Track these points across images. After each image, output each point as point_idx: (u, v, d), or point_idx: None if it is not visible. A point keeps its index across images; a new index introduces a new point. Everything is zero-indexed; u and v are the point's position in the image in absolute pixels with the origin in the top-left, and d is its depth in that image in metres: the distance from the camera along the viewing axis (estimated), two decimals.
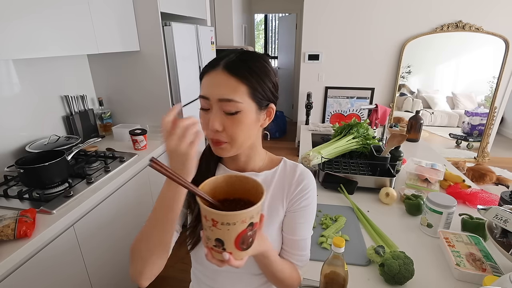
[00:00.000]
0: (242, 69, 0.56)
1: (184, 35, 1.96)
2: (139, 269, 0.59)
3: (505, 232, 0.86)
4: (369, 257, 0.87)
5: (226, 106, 0.55)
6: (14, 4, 1.05)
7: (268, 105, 0.62)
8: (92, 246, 1.29)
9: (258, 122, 0.61)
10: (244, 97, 0.56)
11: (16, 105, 1.45)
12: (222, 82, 0.55)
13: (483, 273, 0.78)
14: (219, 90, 0.55)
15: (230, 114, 0.56)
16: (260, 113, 0.60)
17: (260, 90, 0.58)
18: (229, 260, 0.46)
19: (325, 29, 3.29)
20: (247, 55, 0.59)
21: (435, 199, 0.98)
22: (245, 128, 0.58)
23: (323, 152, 1.44)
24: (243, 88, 0.56)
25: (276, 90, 0.63)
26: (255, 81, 0.57)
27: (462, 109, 3.29)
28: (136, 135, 1.69)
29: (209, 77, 0.57)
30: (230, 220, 0.43)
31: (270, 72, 0.60)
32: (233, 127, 0.57)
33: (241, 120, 0.57)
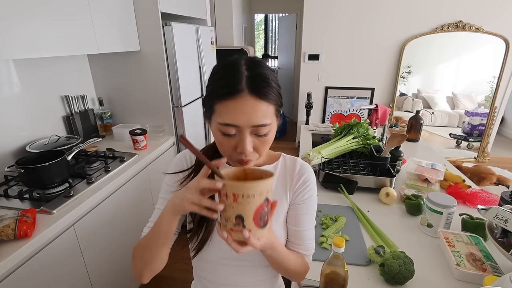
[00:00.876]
0: (266, 90, 0.53)
1: (184, 35, 1.96)
2: (139, 270, 0.64)
3: (505, 232, 0.86)
4: (369, 257, 0.87)
5: (259, 131, 0.55)
6: (14, 4, 1.05)
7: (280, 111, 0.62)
8: (92, 246, 1.29)
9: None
10: (273, 117, 0.57)
11: (16, 105, 1.45)
12: (253, 108, 0.52)
13: (483, 273, 0.78)
14: (251, 117, 0.52)
15: (262, 136, 0.56)
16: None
17: (280, 104, 0.59)
18: (249, 238, 0.47)
19: (325, 29, 3.29)
20: (259, 68, 0.55)
21: (435, 199, 0.98)
22: (270, 143, 0.60)
23: (323, 152, 1.44)
24: (272, 109, 0.55)
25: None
26: (278, 98, 0.57)
27: (462, 109, 3.29)
28: (136, 135, 1.69)
29: (236, 104, 0.52)
30: (250, 191, 0.46)
31: (277, 80, 0.59)
32: (263, 146, 0.58)
33: (270, 138, 0.58)
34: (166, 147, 1.92)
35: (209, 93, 0.57)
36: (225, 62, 0.58)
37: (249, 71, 0.54)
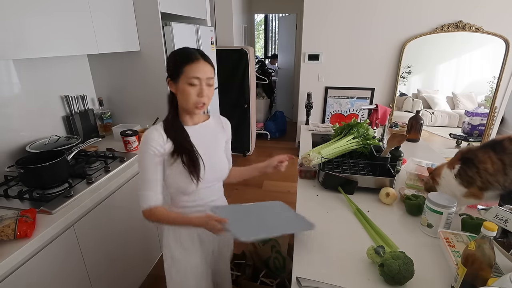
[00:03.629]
0: (210, 59, 0.95)
1: (184, 35, 1.96)
2: (151, 221, 0.97)
3: (505, 232, 0.86)
4: (369, 257, 0.87)
5: (209, 81, 0.93)
6: (14, 4, 1.05)
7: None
8: (92, 246, 1.29)
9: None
10: (213, 75, 0.96)
11: (16, 105, 1.45)
12: (206, 68, 0.92)
13: None
14: (206, 72, 0.92)
15: (209, 85, 0.94)
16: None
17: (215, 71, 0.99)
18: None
19: (325, 29, 3.29)
20: (202, 51, 0.95)
21: (435, 199, 0.98)
22: (213, 93, 0.97)
23: (323, 152, 1.44)
24: (213, 71, 0.96)
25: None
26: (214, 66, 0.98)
27: (462, 109, 3.29)
28: (127, 136, 1.69)
29: (199, 64, 0.90)
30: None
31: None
32: (210, 93, 0.95)
33: (213, 89, 0.96)
34: None
35: (178, 62, 0.91)
36: (180, 48, 0.96)
37: (198, 50, 0.95)
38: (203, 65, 0.91)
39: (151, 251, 1.82)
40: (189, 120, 1.01)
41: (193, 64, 0.90)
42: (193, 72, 0.89)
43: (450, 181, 1.08)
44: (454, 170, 1.07)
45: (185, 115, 0.99)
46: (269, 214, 1.03)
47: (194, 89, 0.91)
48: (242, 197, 2.78)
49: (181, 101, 0.94)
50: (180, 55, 0.93)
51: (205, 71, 0.91)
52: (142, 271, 1.74)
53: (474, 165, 1.01)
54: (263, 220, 0.97)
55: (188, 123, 1.01)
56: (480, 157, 0.99)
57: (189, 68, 0.89)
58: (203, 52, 0.95)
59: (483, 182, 0.99)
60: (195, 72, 0.90)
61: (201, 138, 1.01)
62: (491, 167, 0.97)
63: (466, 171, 1.03)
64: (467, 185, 1.04)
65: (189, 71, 0.89)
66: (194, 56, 0.91)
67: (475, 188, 1.02)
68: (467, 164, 1.03)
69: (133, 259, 1.62)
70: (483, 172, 0.98)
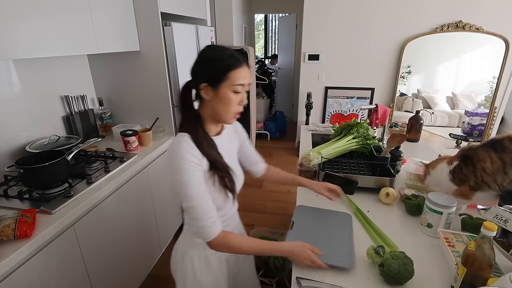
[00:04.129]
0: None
1: (184, 35, 1.96)
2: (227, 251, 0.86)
3: (505, 232, 0.86)
4: (369, 257, 0.87)
5: (248, 88, 0.85)
6: (14, 4, 1.05)
7: None
8: (92, 246, 1.29)
9: None
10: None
11: (16, 105, 1.45)
12: (249, 73, 0.84)
13: None
14: (250, 78, 0.84)
15: (247, 92, 0.86)
16: None
17: None
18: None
19: (325, 29, 3.29)
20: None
21: (435, 199, 0.98)
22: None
23: (323, 152, 1.44)
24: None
25: None
26: None
27: (462, 109, 3.29)
28: (127, 136, 1.68)
29: (244, 70, 0.81)
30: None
31: None
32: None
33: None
34: (166, 147, 1.92)
35: (221, 66, 0.79)
36: (212, 48, 0.85)
37: (238, 54, 0.84)
38: (246, 70, 0.82)
39: (151, 251, 1.82)
40: (213, 130, 0.90)
41: (239, 69, 0.80)
42: (239, 79, 0.79)
43: (443, 175, 1.09)
44: (450, 166, 1.07)
45: (211, 124, 0.88)
46: (330, 235, 0.99)
47: (237, 97, 0.82)
48: (242, 196, 2.77)
49: (217, 109, 0.82)
50: (222, 57, 0.80)
51: (247, 77, 0.82)
52: (142, 271, 1.74)
53: (472, 164, 1.01)
54: (322, 243, 0.93)
55: (212, 133, 0.89)
56: (480, 156, 0.99)
57: (235, 73, 0.79)
58: (239, 54, 0.85)
59: (476, 182, 1.00)
60: (241, 78, 0.80)
61: (224, 148, 0.90)
62: (491, 166, 0.97)
63: (462, 168, 1.03)
64: (458, 183, 1.04)
65: (235, 77, 0.79)
66: (239, 60, 0.81)
67: (466, 187, 1.02)
68: (465, 162, 1.04)
69: (133, 259, 1.62)
70: (480, 172, 0.99)
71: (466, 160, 1.03)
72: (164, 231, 1.96)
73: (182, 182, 0.77)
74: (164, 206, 1.94)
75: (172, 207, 2.09)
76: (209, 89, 0.81)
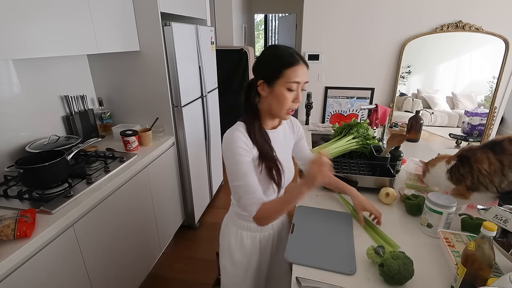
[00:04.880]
0: (306, 61, 0.88)
1: (184, 35, 1.96)
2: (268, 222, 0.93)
3: (505, 232, 0.86)
4: (369, 257, 0.87)
5: (304, 86, 0.88)
6: (13, 4, 1.05)
7: None
8: (92, 246, 1.29)
9: None
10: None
11: (16, 105, 1.45)
12: (305, 71, 0.87)
13: None
14: (305, 77, 0.87)
15: (303, 90, 0.88)
16: None
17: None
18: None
19: (325, 29, 3.29)
20: (297, 51, 0.88)
21: (435, 199, 0.98)
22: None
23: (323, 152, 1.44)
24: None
25: None
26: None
27: (462, 109, 3.29)
28: (127, 136, 1.68)
29: (300, 68, 0.84)
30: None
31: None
32: (302, 98, 0.89)
33: (303, 93, 0.93)
34: (166, 147, 1.92)
35: (277, 64, 0.85)
36: (274, 48, 0.90)
37: (297, 52, 0.87)
38: (303, 68, 0.85)
39: (151, 251, 1.82)
40: (270, 124, 0.97)
41: (295, 67, 0.83)
42: (294, 76, 0.83)
43: (440, 173, 1.09)
44: (448, 165, 1.07)
45: (268, 119, 0.95)
46: (330, 238, 0.99)
47: (291, 94, 0.86)
48: None
49: (272, 105, 0.89)
50: (280, 56, 0.85)
51: (304, 76, 0.85)
52: (142, 271, 1.74)
53: (469, 164, 1.01)
54: (323, 247, 0.94)
55: (268, 126, 0.97)
56: (478, 157, 1.00)
57: (290, 71, 0.83)
58: (299, 53, 0.88)
59: (473, 182, 1.00)
60: (296, 76, 0.83)
61: (278, 142, 0.97)
62: (488, 168, 0.97)
63: (459, 168, 1.04)
64: (456, 182, 1.05)
65: (290, 74, 0.83)
66: (296, 59, 0.84)
67: (463, 187, 1.03)
68: (462, 161, 1.04)
69: (133, 259, 1.62)
70: (476, 173, 0.99)
71: (464, 160, 1.04)
72: (164, 231, 1.96)
73: (233, 163, 0.86)
74: (164, 206, 1.94)
75: (172, 207, 2.09)
76: (265, 86, 0.88)
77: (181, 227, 2.27)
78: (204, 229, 2.40)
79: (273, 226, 1.08)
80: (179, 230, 2.24)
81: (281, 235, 1.13)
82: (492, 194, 0.99)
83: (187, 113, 2.04)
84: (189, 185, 2.18)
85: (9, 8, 1.04)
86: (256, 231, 1.04)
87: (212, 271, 1.86)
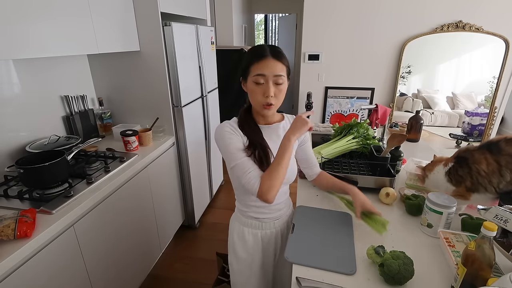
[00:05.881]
0: (281, 55, 0.88)
1: (184, 35, 1.96)
2: (273, 192, 0.89)
3: (505, 232, 0.86)
4: (369, 257, 0.87)
5: (277, 80, 0.88)
6: (14, 4, 1.05)
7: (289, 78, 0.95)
8: (92, 246, 1.29)
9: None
10: (285, 74, 0.90)
11: (16, 105, 1.45)
12: (274, 65, 0.86)
13: None
14: (273, 70, 0.86)
15: (278, 84, 0.88)
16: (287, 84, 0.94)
17: (289, 71, 0.92)
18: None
19: (325, 29, 3.29)
20: (277, 47, 0.89)
21: (435, 199, 0.98)
22: (284, 94, 0.92)
23: (323, 152, 1.44)
24: (284, 69, 0.89)
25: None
26: (287, 64, 0.91)
27: (462, 109, 3.29)
28: (127, 136, 1.68)
29: (264, 62, 0.86)
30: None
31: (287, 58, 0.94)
32: (280, 93, 0.90)
33: (284, 89, 0.91)
34: (166, 147, 1.92)
35: (246, 63, 0.89)
36: (254, 47, 0.93)
37: (270, 47, 0.89)
38: (270, 62, 0.86)
39: (151, 251, 1.82)
40: (261, 120, 1.00)
41: (261, 61, 0.86)
42: (258, 70, 0.86)
43: (440, 177, 1.09)
44: (446, 168, 1.07)
45: (257, 114, 0.98)
46: (330, 238, 0.98)
47: (260, 88, 0.88)
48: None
49: (250, 101, 0.94)
50: (249, 53, 0.91)
51: (272, 68, 0.86)
52: (142, 271, 1.74)
53: (467, 165, 1.01)
54: (323, 247, 0.94)
55: (260, 122, 1.00)
56: (476, 158, 1.00)
57: (255, 66, 0.87)
58: (276, 48, 0.89)
59: (472, 183, 1.00)
60: (260, 70, 0.86)
61: (274, 139, 0.98)
62: (486, 168, 0.97)
63: (457, 170, 1.04)
64: (455, 184, 1.05)
65: (255, 69, 0.87)
66: (262, 53, 0.87)
67: (463, 188, 1.02)
68: (460, 163, 1.04)
69: (133, 259, 1.62)
70: (475, 173, 0.99)
71: (461, 162, 1.04)
72: (164, 231, 1.96)
73: (224, 146, 0.91)
74: (164, 206, 1.94)
75: (172, 207, 2.09)
76: (244, 83, 0.94)
77: (181, 227, 2.27)
78: (204, 229, 2.40)
79: (275, 225, 1.08)
80: (179, 230, 2.24)
81: (284, 235, 1.13)
82: (491, 194, 0.99)
83: (187, 113, 2.04)
84: (189, 185, 2.18)
85: (10, 9, 1.04)
86: (257, 228, 1.05)
87: (212, 271, 1.86)
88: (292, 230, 1.03)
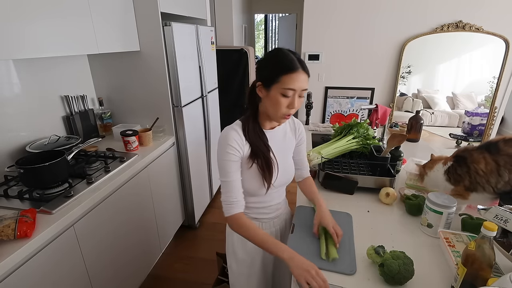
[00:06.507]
0: (307, 69, 0.86)
1: (184, 35, 1.96)
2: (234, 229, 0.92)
3: (505, 232, 0.86)
4: (369, 257, 0.87)
5: (302, 93, 0.87)
6: (14, 4, 1.05)
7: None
8: (92, 246, 1.29)
9: None
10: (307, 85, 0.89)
11: (16, 105, 1.45)
12: (303, 79, 0.85)
13: None
14: (302, 85, 0.85)
15: (301, 97, 0.88)
16: None
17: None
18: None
19: (325, 29, 3.29)
20: (300, 57, 0.88)
21: (435, 199, 0.98)
22: (301, 104, 0.90)
23: (323, 152, 1.44)
24: (308, 79, 0.88)
25: None
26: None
27: (462, 109, 3.29)
28: (127, 136, 1.68)
29: (297, 76, 0.83)
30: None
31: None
32: (299, 105, 0.88)
33: (303, 100, 0.90)
34: (166, 147, 1.92)
35: (275, 69, 0.85)
36: (277, 51, 0.88)
37: (298, 58, 0.86)
38: (301, 76, 0.84)
39: (151, 251, 1.82)
40: (268, 124, 0.99)
41: (292, 74, 0.83)
42: (290, 84, 0.83)
43: (439, 175, 1.09)
44: (445, 167, 1.08)
45: (265, 119, 0.96)
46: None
47: (286, 100, 0.86)
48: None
49: (268, 108, 0.90)
50: (279, 61, 0.86)
51: (302, 83, 0.84)
52: (142, 271, 1.74)
53: (466, 165, 1.01)
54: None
55: (266, 126, 0.98)
56: (475, 157, 1.00)
57: (287, 77, 0.83)
58: (301, 59, 0.87)
59: (471, 182, 1.00)
60: (292, 84, 0.83)
61: (276, 142, 0.99)
62: (484, 168, 0.97)
63: (456, 169, 1.04)
64: (454, 183, 1.05)
65: (286, 81, 0.83)
66: (295, 66, 0.83)
67: (462, 187, 1.03)
68: (459, 162, 1.04)
69: (133, 259, 1.62)
70: (473, 173, 0.99)
71: (460, 161, 1.04)
72: (164, 231, 1.96)
73: (221, 160, 0.91)
74: (164, 206, 1.94)
75: (172, 207, 2.09)
76: (262, 88, 0.89)
77: (181, 227, 2.27)
78: (204, 229, 2.40)
79: (274, 224, 1.09)
80: (179, 230, 2.24)
81: (283, 234, 1.13)
82: (489, 194, 1.00)
83: (187, 113, 2.04)
84: (189, 185, 2.18)
85: (9, 8, 1.04)
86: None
87: (212, 271, 1.86)
88: (292, 230, 1.03)
